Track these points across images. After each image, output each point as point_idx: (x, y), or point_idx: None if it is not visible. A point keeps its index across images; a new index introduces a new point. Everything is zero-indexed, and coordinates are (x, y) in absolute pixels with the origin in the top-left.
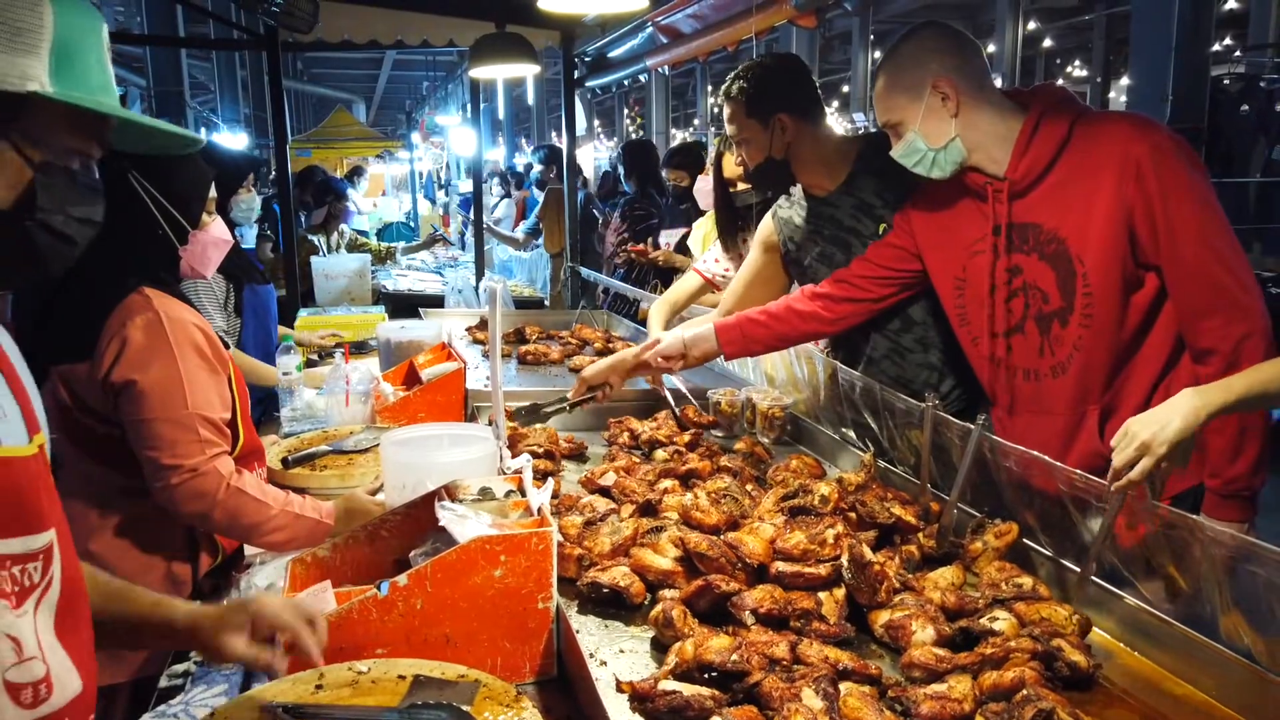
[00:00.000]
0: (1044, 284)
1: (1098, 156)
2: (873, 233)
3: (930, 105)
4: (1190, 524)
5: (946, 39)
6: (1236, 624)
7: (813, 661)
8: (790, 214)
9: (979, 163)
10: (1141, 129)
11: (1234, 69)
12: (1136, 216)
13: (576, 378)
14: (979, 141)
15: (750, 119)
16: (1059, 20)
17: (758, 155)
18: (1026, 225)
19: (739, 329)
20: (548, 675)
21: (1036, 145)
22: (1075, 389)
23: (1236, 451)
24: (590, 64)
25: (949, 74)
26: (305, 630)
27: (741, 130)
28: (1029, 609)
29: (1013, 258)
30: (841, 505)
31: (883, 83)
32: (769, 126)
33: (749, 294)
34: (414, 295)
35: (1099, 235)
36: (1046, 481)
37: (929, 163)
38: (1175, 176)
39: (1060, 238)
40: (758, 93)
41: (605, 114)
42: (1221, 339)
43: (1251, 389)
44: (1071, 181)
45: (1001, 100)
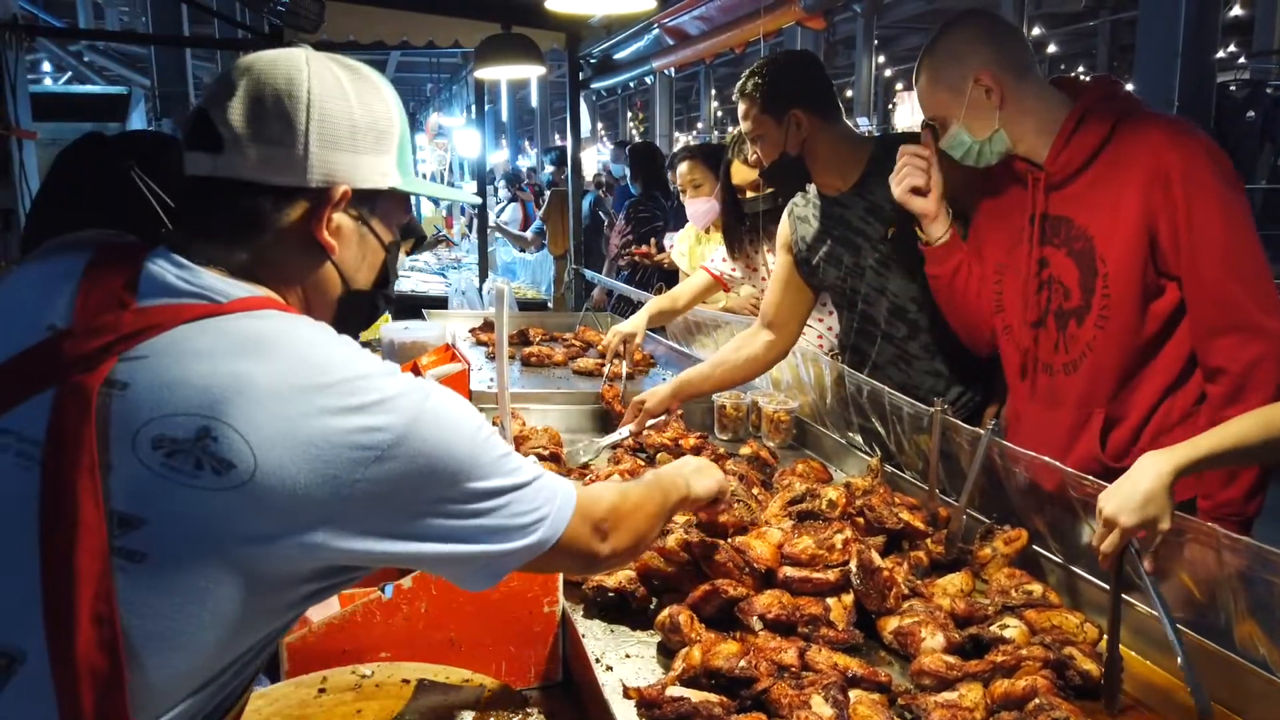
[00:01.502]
0: (1067, 280)
1: (1132, 159)
2: (881, 235)
3: (973, 99)
4: (1206, 531)
5: (986, 29)
6: (1252, 633)
7: (821, 668)
8: (805, 212)
9: (1024, 152)
10: (1177, 136)
11: (1239, 75)
12: (1160, 225)
13: (632, 407)
14: (1023, 132)
15: (765, 115)
16: (1064, 26)
17: (772, 152)
18: (1059, 219)
19: None
20: (553, 680)
21: (1077, 140)
22: (1083, 389)
23: (1231, 475)
24: (595, 66)
25: (990, 66)
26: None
27: (756, 127)
28: (1040, 616)
29: (1043, 249)
30: (849, 510)
31: (924, 79)
32: (784, 123)
33: (783, 300)
34: (417, 296)
35: (1123, 239)
36: (1057, 487)
37: (975, 154)
38: (1203, 188)
39: (1089, 235)
40: (773, 88)
41: (608, 116)
42: (1233, 359)
43: (1221, 446)
44: (1106, 180)
45: (1047, 89)
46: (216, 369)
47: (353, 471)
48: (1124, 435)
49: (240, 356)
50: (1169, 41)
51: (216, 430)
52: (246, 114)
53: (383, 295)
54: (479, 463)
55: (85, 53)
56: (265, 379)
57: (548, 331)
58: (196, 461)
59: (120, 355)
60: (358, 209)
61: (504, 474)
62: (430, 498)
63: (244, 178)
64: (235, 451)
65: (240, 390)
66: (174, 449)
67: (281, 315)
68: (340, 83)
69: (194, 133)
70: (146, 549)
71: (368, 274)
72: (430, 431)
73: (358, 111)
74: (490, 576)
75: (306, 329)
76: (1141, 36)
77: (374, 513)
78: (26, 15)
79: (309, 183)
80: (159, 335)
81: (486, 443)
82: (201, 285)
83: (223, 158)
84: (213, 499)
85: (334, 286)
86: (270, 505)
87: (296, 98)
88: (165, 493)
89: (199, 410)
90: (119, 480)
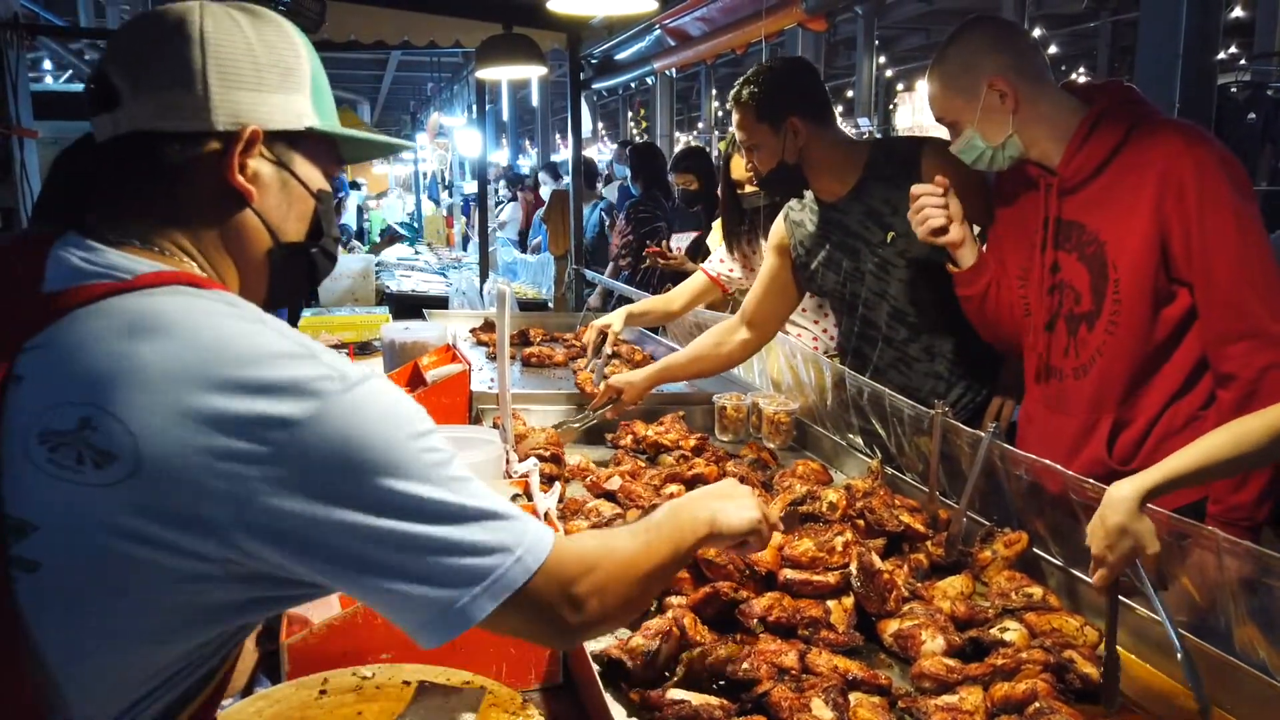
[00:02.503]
0: (1078, 284)
1: (1145, 165)
2: (880, 240)
3: (988, 104)
4: (1205, 535)
5: (999, 34)
6: (1252, 637)
7: (822, 671)
8: (802, 217)
9: (1037, 157)
10: (1190, 143)
11: (1240, 77)
12: (1172, 232)
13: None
14: (1036, 137)
15: (761, 124)
16: (1064, 27)
17: (770, 161)
18: (1072, 223)
19: None
20: (553, 682)
21: (1090, 146)
22: (1093, 394)
23: (1242, 480)
24: (596, 66)
25: (1006, 72)
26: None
27: (751, 136)
28: (1040, 619)
29: (1056, 254)
30: (849, 512)
31: (937, 84)
32: (781, 131)
33: (767, 300)
34: (418, 296)
35: (1135, 245)
36: (1057, 490)
37: (988, 159)
38: (1216, 195)
39: (1100, 241)
40: (769, 97)
41: (609, 116)
42: (1244, 366)
43: (1188, 466)
44: (1118, 186)
45: (1060, 95)
46: (101, 352)
47: (249, 466)
48: (1131, 439)
49: (129, 337)
50: (1170, 43)
51: (97, 419)
52: (138, 60)
53: (320, 249)
54: (406, 466)
55: (86, 50)
56: (152, 360)
57: (548, 332)
58: (78, 455)
59: (23, 347)
60: (275, 153)
61: (440, 490)
62: (338, 508)
63: (145, 128)
64: (116, 442)
65: (123, 373)
66: (58, 442)
67: (188, 290)
68: (235, 20)
69: (93, 93)
70: (39, 557)
71: (297, 224)
72: (346, 425)
73: (258, 47)
74: (436, 630)
75: (212, 303)
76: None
77: (276, 518)
78: (28, 13)
79: (214, 125)
80: (55, 322)
81: (424, 455)
82: (106, 264)
83: (122, 111)
84: (97, 495)
85: (261, 240)
86: (158, 501)
87: (189, 36)
88: (52, 492)
89: (80, 398)
90: (10, 483)
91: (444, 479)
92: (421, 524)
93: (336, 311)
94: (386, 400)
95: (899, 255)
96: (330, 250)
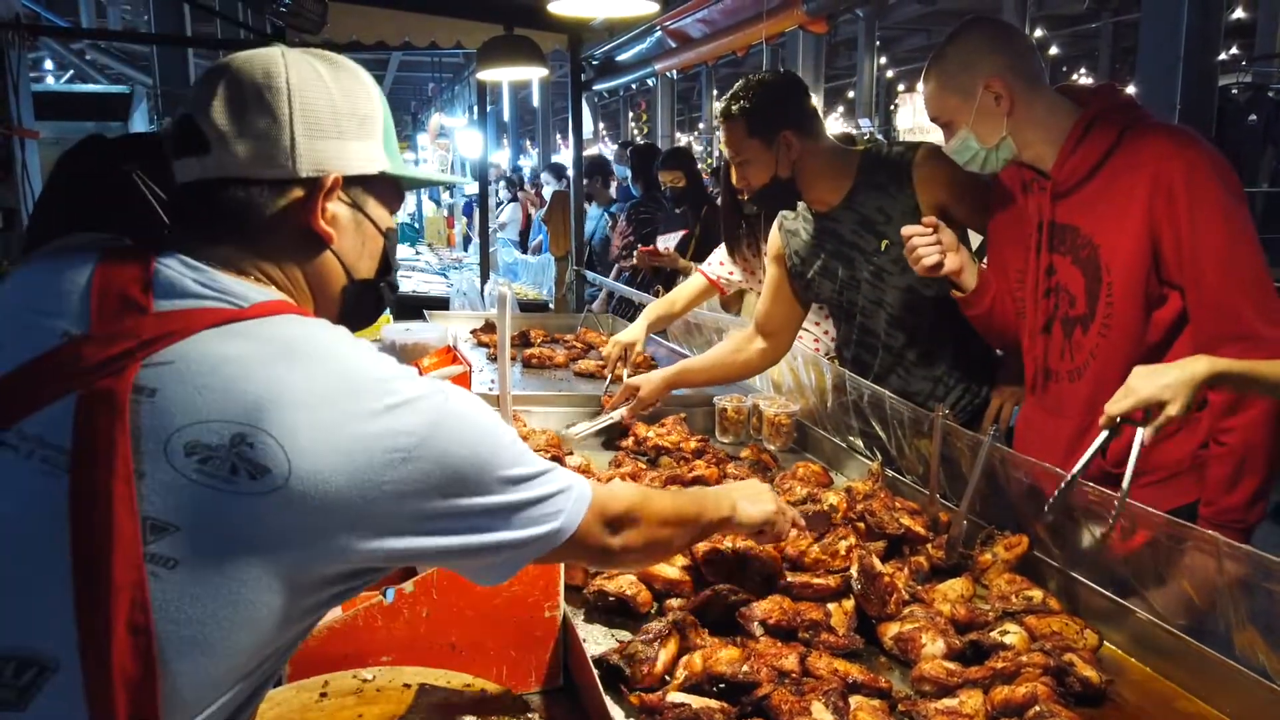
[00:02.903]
0: (1073, 288)
1: (1137, 168)
2: (874, 248)
3: (983, 105)
4: (1206, 539)
5: (998, 36)
6: (1252, 641)
7: (822, 674)
8: (796, 226)
9: (1031, 159)
10: (1181, 146)
11: (1241, 78)
12: (1163, 234)
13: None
14: (1030, 139)
15: (753, 139)
16: (1065, 28)
17: (762, 176)
18: (1066, 227)
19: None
20: (554, 684)
21: (1083, 149)
22: (1087, 396)
23: (1234, 482)
24: (598, 67)
25: (1003, 74)
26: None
27: (742, 151)
28: (1040, 623)
29: (1051, 257)
30: (850, 515)
31: (933, 83)
32: (774, 146)
33: (775, 309)
34: (419, 297)
35: (1127, 248)
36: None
37: (981, 160)
38: (1206, 198)
39: (1094, 244)
40: (760, 112)
41: (610, 117)
42: None
43: (1263, 373)
44: (1111, 190)
45: (1055, 97)
46: (250, 375)
47: (382, 474)
48: (1126, 441)
49: (272, 363)
50: (1171, 44)
51: (252, 436)
52: (229, 110)
53: (387, 284)
54: (500, 458)
55: (87, 51)
56: (298, 385)
57: (549, 333)
58: (232, 467)
59: (144, 361)
60: (351, 196)
61: (522, 468)
62: (455, 494)
63: (234, 174)
64: (270, 457)
65: (275, 396)
66: (208, 455)
67: (303, 320)
68: (318, 71)
69: (180, 138)
70: (179, 555)
71: (369, 263)
72: (454, 431)
73: (339, 98)
74: (506, 569)
75: (329, 333)
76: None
77: (401, 511)
78: (29, 14)
79: (299, 172)
80: (183, 340)
81: (505, 438)
82: (219, 289)
83: (211, 158)
84: (247, 504)
85: (337, 278)
86: (303, 509)
87: (277, 89)
88: (198, 498)
89: (234, 417)
90: (151, 487)
91: (522, 462)
92: (514, 501)
93: None
94: (473, 404)
95: (894, 263)
96: (395, 284)
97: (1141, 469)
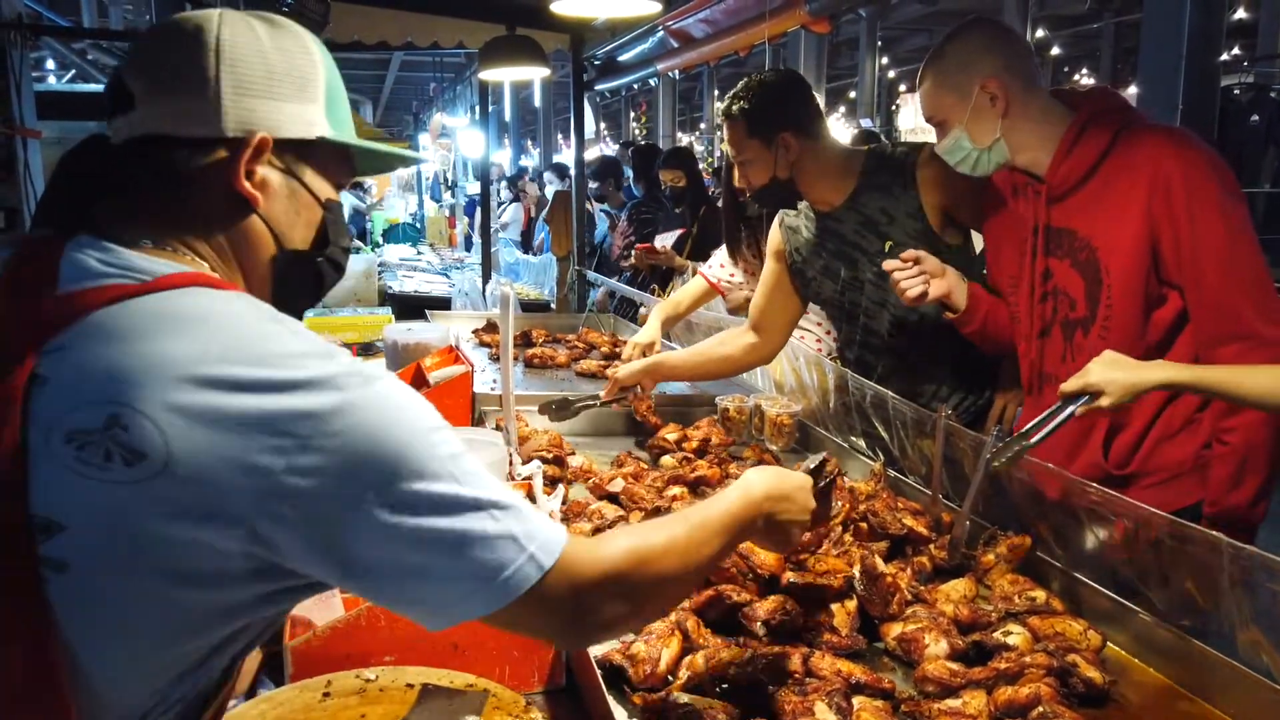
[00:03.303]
0: (1073, 291)
1: (1133, 169)
2: (878, 249)
3: (978, 105)
4: (1210, 539)
5: (996, 37)
6: (1256, 641)
7: (825, 674)
8: (797, 223)
9: (1024, 163)
10: (1178, 146)
11: (1243, 79)
12: (1162, 235)
13: (610, 379)
14: (1024, 143)
15: (752, 139)
16: (1067, 28)
17: (762, 176)
18: (1062, 230)
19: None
20: (556, 685)
21: (1078, 152)
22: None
23: (1237, 481)
24: (599, 67)
25: (998, 75)
26: None
27: (743, 151)
28: (1043, 623)
29: (1047, 261)
30: (852, 515)
31: (930, 81)
32: (773, 146)
33: (771, 305)
34: (420, 297)
35: (1126, 249)
36: (1060, 493)
37: (972, 162)
38: (1204, 198)
39: (1092, 247)
40: (759, 112)
41: (611, 117)
42: None
43: (1208, 380)
44: (1108, 192)
45: (1050, 101)
46: (131, 350)
47: (275, 460)
48: (1127, 443)
49: (154, 336)
50: (1173, 45)
51: (126, 417)
52: (156, 66)
53: (326, 259)
54: (424, 464)
55: (89, 50)
56: (179, 359)
57: (551, 333)
58: (106, 452)
59: (43, 349)
60: (284, 161)
61: (457, 484)
62: (362, 499)
63: (157, 131)
64: (146, 439)
65: (150, 372)
66: (84, 441)
67: (208, 291)
68: (253, 29)
69: (110, 97)
70: (68, 557)
71: (304, 232)
72: (367, 420)
73: (274, 56)
74: (435, 619)
75: (234, 304)
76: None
77: (302, 511)
78: (31, 14)
79: (224, 131)
80: (78, 322)
81: (439, 446)
82: (123, 265)
83: (136, 114)
84: (126, 493)
85: (265, 245)
86: (187, 497)
87: (205, 44)
88: (80, 491)
89: (108, 396)
90: (38, 483)
91: (460, 478)
92: (440, 517)
93: (339, 312)
94: (403, 397)
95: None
96: (338, 260)
97: (1145, 470)
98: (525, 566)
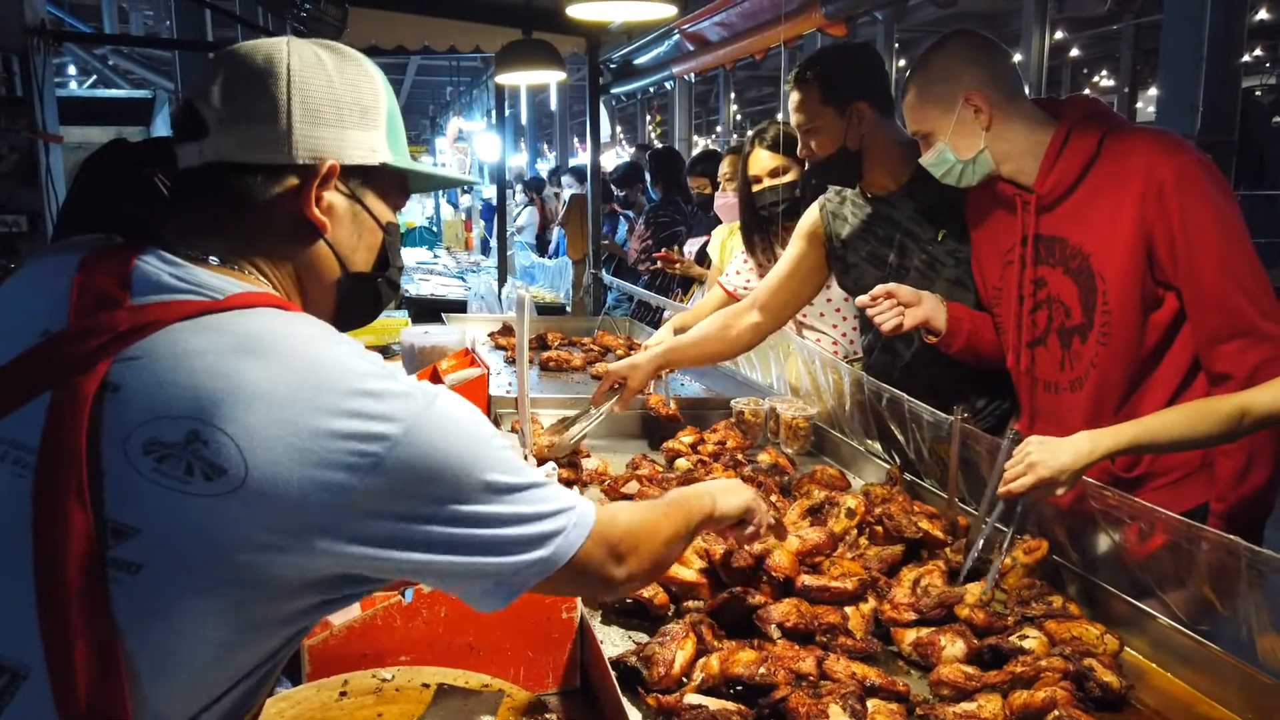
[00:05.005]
0: (1067, 299)
1: (1124, 174)
2: (931, 237)
3: (962, 118)
4: (1226, 543)
5: (979, 49)
6: (1275, 646)
7: (840, 677)
8: (842, 210)
9: (1009, 174)
10: (1168, 148)
11: (1265, 80)
12: (1156, 237)
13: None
14: (1008, 153)
15: (826, 106)
16: (1086, 30)
17: (830, 145)
18: (1053, 239)
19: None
20: (571, 685)
21: (1064, 160)
22: (1090, 405)
23: (1243, 476)
24: (616, 71)
25: (982, 87)
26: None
27: (814, 118)
28: (1059, 627)
29: (1038, 270)
30: (868, 519)
31: (914, 93)
32: (845, 114)
33: (786, 285)
34: (437, 300)
35: (1120, 253)
36: (1076, 497)
37: (957, 174)
38: (1198, 198)
39: (1085, 253)
40: (837, 78)
41: (627, 120)
42: (1237, 364)
43: (1141, 438)
44: (1098, 197)
45: (1033, 111)
46: (208, 369)
47: (350, 477)
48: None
49: (233, 356)
50: (1194, 46)
51: (207, 434)
52: (227, 95)
53: (385, 279)
54: (486, 472)
55: (110, 56)
56: (258, 380)
57: (566, 336)
58: (187, 466)
59: (116, 356)
60: (349, 186)
61: (513, 486)
62: (433, 506)
63: (230, 159)
64: (226, 456)
65: (231, 391)
66: (165, 453)
67: (279, 313)
68: (320, 59)
69: (181, 124)
70: (141, 559)
71: (365, 255)
72: (433, 436)
73: (340, 86)
74: (501, 595)
75: (305, 326)
76: (1166, 41)
77: (374, 520)
78: (53, 20)
79: (295, 159)
80: (154, 334)
81: (497, 452)
82: (195, 282)
83: (208, 142)
84: (205, 505)
85: (330, 269)
86: (264, 512)
87: (276, 75)
88: (157, 499)
89: (188, 413)
90: (112, 487)
91: (515, 479)
92: (503, 517)
93: None
94: (462, 412)
95: (949, 254)
96: (394, 280)
97: (1154, 471)
98: (572, 536)
